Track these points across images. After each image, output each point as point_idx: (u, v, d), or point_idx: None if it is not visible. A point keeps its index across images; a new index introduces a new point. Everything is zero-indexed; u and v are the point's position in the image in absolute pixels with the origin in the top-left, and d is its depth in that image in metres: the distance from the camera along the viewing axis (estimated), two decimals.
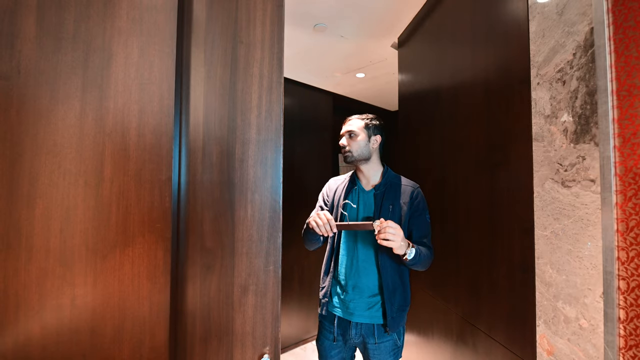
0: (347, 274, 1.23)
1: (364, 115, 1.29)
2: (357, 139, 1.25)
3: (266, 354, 0.66)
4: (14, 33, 0.49)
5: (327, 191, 1.37)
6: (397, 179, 1.28)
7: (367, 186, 1.28)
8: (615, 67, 0.74)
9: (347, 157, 1.26)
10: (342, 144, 1.28)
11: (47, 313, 0.50)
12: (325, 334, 1.27)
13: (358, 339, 1.22)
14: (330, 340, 1.25)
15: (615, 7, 0.75)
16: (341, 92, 3.04)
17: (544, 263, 0.91)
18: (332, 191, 1.35)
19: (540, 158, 0.93)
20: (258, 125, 0.66)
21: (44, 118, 0.50)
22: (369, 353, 1.21)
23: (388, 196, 1.22)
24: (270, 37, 0.68)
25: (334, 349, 1.25)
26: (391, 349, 1.20)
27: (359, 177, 1.31)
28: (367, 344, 1.20)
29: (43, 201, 0.50)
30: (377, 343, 1.19)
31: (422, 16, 1.70)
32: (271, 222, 0.67)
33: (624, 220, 0.72)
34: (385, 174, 1.28)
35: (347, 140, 1.27)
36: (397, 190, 1.24)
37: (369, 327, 1.20)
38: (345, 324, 1.23)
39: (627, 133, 0.72)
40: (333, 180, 1.40)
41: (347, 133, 1.27)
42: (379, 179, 1.28)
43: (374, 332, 1.19)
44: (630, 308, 0.71)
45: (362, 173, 1.29)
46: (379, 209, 1.20)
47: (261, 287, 0.66)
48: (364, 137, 1.25)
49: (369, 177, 1.28)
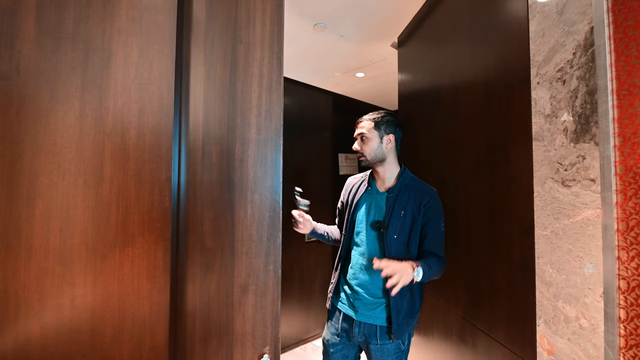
0: (355, 271, 1.23)
1: (374, 114, 1.24)
2: (369, 142, 1.21)
3: (266, 353, 0.66)
4: (14, 33, 0.49)
5: (344, 190, 1.38)
6: (414, 182, 1.22)
7: (381, 188, 1.25)
8: (615, 67, 0.74)
9: (362, 161, 1.23)
10: (355, 148, 1.25)
11: (47, 313, 0.50)
12: (331, 329, 1.28)
13: (361, 338, 1.21)
14: (334, 335, 1.25)
15: (615, 7, 0.74)
16: (341, 91, 3.04)
17: (544, 263, 0.91)
18: (347, 191, 1.35)
19: (540, 157, 0.93)
20: (258, 124, 0.66)
21: (44, 118, 0.50)
22: (372, 354, 1.20)
23: (401, 200, 1.18)
24: (270, 37, 0.68)
25: (337, 345, 1.25)
26: (394, 352, 1.18)
27: (374, 178, 1.29)
28: (369, 344, 1.20)
29: (43, 201, 0.50)
30: (380, 345, 1.17)
31: (422, 16, 1.70)
32: (271, 222, 0.67)
33: (624, 219, 0.72)
34: (401, 176, 1.23)
35: (360, 144, 1.24)
36: (412, 195, 1.18)
37: (372, 327, 1.18)
38: (350, 321, 1.22)
39: (627, 132, 0.72)
40: (351, 179, 1.39)
41: (359, 136, 1.23)
42: (394, 182, 1.24)
43: (376, 333, 1.18)
44: (631, 307, 0.70)
45: (378, 174, 1.26)
46: (389, 214, 1.17)
47: (261, 286, 0.66)
48: (375, 138, 1.21)
49: (384, 178, 1.25)
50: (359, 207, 1.26)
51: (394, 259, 1.13)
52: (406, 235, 1.16)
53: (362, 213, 1.24)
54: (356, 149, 1.24)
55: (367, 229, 1.22)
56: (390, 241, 1.15)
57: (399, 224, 1.15)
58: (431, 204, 1.17)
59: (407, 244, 1.16)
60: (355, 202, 1.26)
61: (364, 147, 1.22)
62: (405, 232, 1.16)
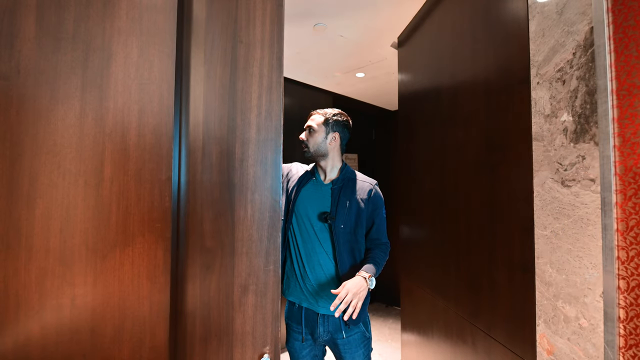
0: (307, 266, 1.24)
1: (326, 111, 1.30)
2: (314, 135, 1.27)
3: (266, 353, 0.66)
4: (14, 33, 0.49)
5: (288, 170, 1.38)
6: (354, 175, 1.31)
7: (325, 180, 1.30)
8: (615, 67, 0.74)
9: (305, 152, 1.29)
10: (301, 137, 1.30)
11: (47, 313, 0.50)
12: (294, 335, 1.28)
13: (327, 336, 1.22)
14: (299, 341, 1.26)
15: (615, 7, 0.74)
16: (341, 91, 3.04)
17: (543, 262, 0.91)
18: (291, 173, 1.35)
19: (540, 157, 0.93)
20: (258, 124, 0.66)
21: (44, 118, 0.50)
22: (340, 349, 1.22)
23: (345, 192, 1.24)
24: (270, 37, 0.68)
25: (305, 349, 1.26)
26: (361, 341, 1.22)
27: (318, 171, 1.33)
28: (336, 339, 1.22)
29: (43, 201, 0.50)
30: (346, 337, 1.20)
31: (422, 16, 1.70)
32: (271, 222, 0.67)
33: (624, 219, 0.72)
34: (343, 170, 1.30)
35: (306, 135, 1.29)
36: (354, 186, 1.26)
37: (336, 321, 1.21)
38: (312, 321, 1.23)
39: (627, 132, 0.72)
40: (297, 165, 1.40)
41: (307, 128, 1.29)
42: (337, 174, 1.30)
43: (340, 326, 1.20)
44: (630, 307, 0.71)
45: (321, 167, 1.31)
46: (335, 204, 1.22)
47: (261, 286, 0.66)
48: (322, 133, 1.26)
49: (327, 172, 1.30)
50: (302, 197, 1.27)
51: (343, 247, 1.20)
52: (352, 224, 1.22)
53: (304, 204, 1.26)
54: (302, 139, 1.30)
55: (314, 221, 1.24)
56: (337, 230, 1.20)
57: (345, 213, 1.21)
58: (376, 194, 1.28)
59: (354, 233, 1.23)
60: (297, 190, 1.28)
61: (310, 138, 1.28)
62: (351, 221, 1.22)
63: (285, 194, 1.32)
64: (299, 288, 1.25)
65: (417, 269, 1.72)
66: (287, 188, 1.32)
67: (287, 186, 1.33)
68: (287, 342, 1.31)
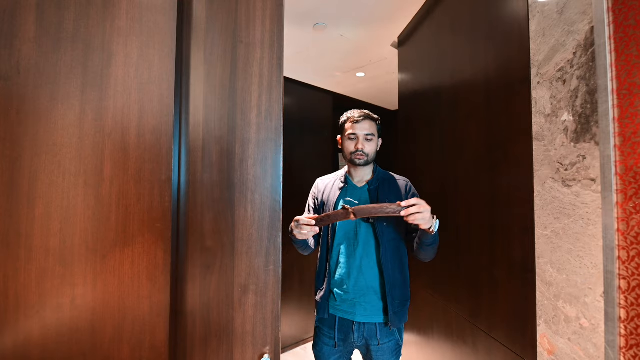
0: (347, 272, 1.21)
1: (369, 114, 1.25)
2: (372, 143, 1.22)
3: (266, 353, 0.66)
4: (14, 33, 0.49)
5: (316, 192, 1.36)
6: (388, 174, 1.29)
7: (359, 183, 1.27)
8: (616, 66, 0.74)
9: (363, 160, 1.21)
10: (359, 147, 1.20)
11: (47, 313, 0.50)
12: (325, 340, 1.23)
13: (361, 342, 1.19)
14: (330, 347, 1.21)
15: (616, 6, 0.74)
16: (341, 91, 3.04)
17: (544, 262, 0.91)
18: (320, 192, 1.33)
19: (540, 157, 0.93)
20: (258, 124, 0.66)
21: (44, 118, 0.50)
22: (372, 355, 1.19)
23: (383, 190, 1.21)
24: (270, 37, 0.68)
25: (335, 354, 1.22)
26: (394, 349, 1.19)
27: (351, 176, 1.29)
28: (370, 346, 1.19)
29: (43, 201, 0.50)
30: (381, 344, 1.17)
31: (422, 15, 1.70)
32: (271, 222, 0.67)
33: (624, 219, 0.72)
34: (376, 170, 1.28)
35: (364, 143, 1.21)
36: (392, 185, 1.24)
37: (372, 327, 1.17)
38: (347, 328, 1.20)
39: (628, 132, 0.72)
40: (321, 180, 1.38)
41: (363, 136, 1.21)
42: (371, 176, 1.28)
43: (376, 332, 1.17)
44: (631, 307, 0.70)
45: (357, 172, 1.27)
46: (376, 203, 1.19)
47: (261, 286, 0.66)
48: (377, 139, 1.24)
49: (363, 175, 1.27)
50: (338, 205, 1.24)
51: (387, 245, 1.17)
52: (393, 222, 1.20)
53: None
54: (359, 147, 1.20)
55: (358, 221, 1.21)
56: (381, 229, 1.18)
57: None
58: (412, 189, 1.26)
59: (397, 231, 1.21)
60: (334, 201, 1.25)
61: (368, 146, 1.21)
62: (392, 219, 1.19)
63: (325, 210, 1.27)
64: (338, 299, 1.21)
65: (418, 268, 1.72)
66: (324, 201, 1.29)
67: (323, 199, 1.30)
68: (316, 346, 1.26)
